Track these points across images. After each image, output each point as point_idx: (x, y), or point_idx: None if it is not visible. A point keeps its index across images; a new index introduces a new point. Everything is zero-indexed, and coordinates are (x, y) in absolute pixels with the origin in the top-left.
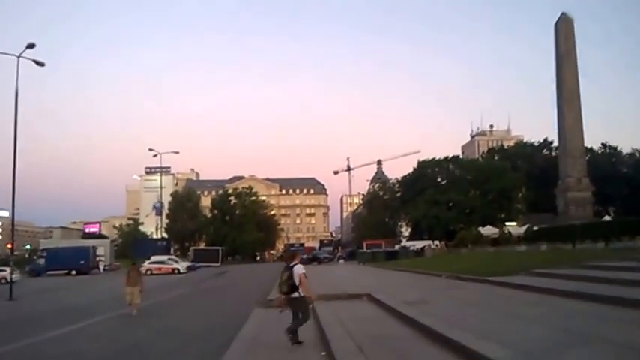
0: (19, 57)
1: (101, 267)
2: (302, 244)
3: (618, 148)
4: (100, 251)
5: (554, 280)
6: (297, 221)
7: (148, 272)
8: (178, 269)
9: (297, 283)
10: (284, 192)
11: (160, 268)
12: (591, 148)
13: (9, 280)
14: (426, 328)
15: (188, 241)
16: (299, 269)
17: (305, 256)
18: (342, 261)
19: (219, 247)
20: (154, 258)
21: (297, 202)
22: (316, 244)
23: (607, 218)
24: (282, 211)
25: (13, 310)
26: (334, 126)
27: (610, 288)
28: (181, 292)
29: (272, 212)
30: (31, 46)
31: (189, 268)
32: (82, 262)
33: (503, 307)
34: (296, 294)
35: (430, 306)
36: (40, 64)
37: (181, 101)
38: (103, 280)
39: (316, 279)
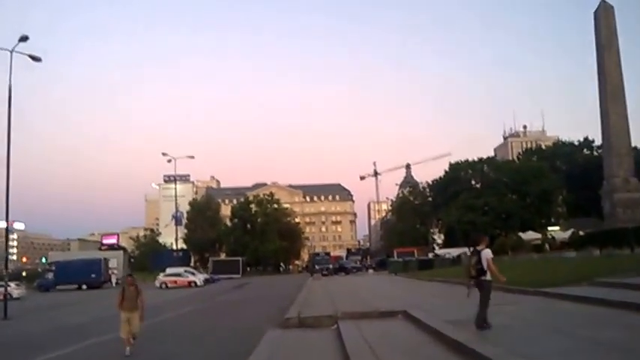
0: (12, 52)
1: (113, 280)
2: (328, 253)
3: None
4: (112, 264)
5: (625, 291)
6: (323, 229)
7: (163, 286)
8: (195, 282)
9: (485, 267)
10: (308, 199)
11: (175, 281)
12: (635, 147)
13: (10, 296)
14: None
15: (208, 252)
16: (487, 254)
17: (331, 266)
18: (371, 271)
19: (240, 258)
20: (169, 270)
21: (323, 209)
22: (343, 253)
23: None
24: (307, 219)
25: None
26: (360, 129)
27: None
28: (192, 308)
29: (296, 220)
30: (23, 38)
31: (207, 281)
32: (94, 275)
33: (576, 327)
34: (483, 277)
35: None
36: (35, 59)
37: (203, 107)
38: (113, 295)
39: (343, 292)
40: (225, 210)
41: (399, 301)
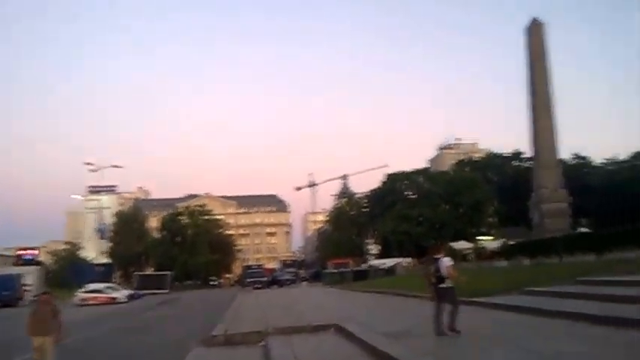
0: None
1: (27, 298)
2: (260, 266)
3: (589, 159)
4: (27, 279)
5: (555, 299)
6: (257, 241)
7: (83, 303)
8: (117, 298)
9: (444, 275)
10: (243, 210)
11: (96, 298)
12: (562, 159)
13: None
14: None
15: (134, 266)
16: (447, 261)
17: (264, 279)
18: (305, 283)
19: (168, 272)
20: (90, 286)
21: (257, 220)
22: (278, 265)
23: (582, 230)
24: (241, 231)
25: None
26: (296, 140)
27: (620, 308)
28: (111, 326)
29: (229, 232)
30: None
31: (131, 297)
32: (7, 292)
33: (514, 338)
34: (443, 285)
35: (421, 341)
36: None
37: (132, 115)
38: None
39: (275, 305)
40: (155, 222)
41: (333, 314)
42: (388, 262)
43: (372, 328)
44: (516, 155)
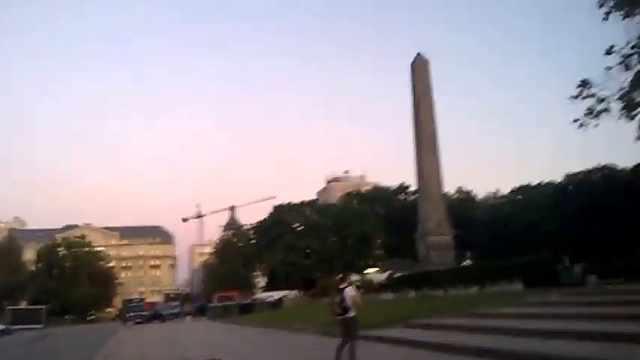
0: None
1: None
2: (142, 299)
3: (472, 193)
4: None
5: (439, 332)
6: (140, 274)
7: None
8: None
9: (349, 305)
10: (125, 241)
11: None
12: (447, 192)
13: None
14: None
15: (8, 300)
16: (350, 291)
17: (146, 313)
18: (189, 317)
19: (43, 306)
20: None
21: (141, 252)
22: (161, 299)
23: (467, 262)
24: (124, 263)
25: None
26: (183, 170)
27: (507, 340)
28: None
29: (110, 264)
30: None
31: (2, 333)
32: None
33: None
34: (348, 315)
35: None
36: None
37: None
38: None
39: (155, 341)
40: (31, 254)
41: (214, 349)
42: (275, 295)
43: None
44: (403, 188)
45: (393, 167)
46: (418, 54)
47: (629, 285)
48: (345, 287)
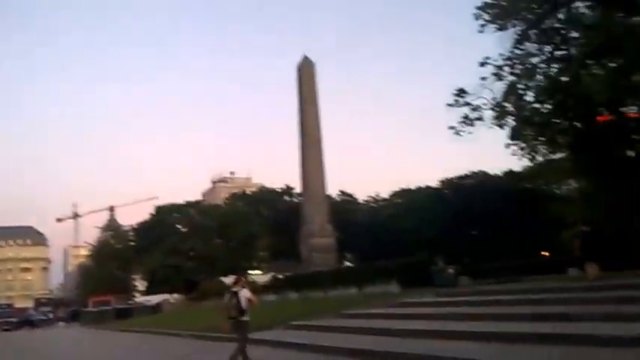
0: None
1: None
2: (9, 305)
3: (354, 196)
4: None
5: (316, 333)
6: (10, 277)
7: None
8: None
9: (244, 307)
10: None
11: None
12: (330, 195)
13: None
14: None
15: None
16: (246, 293)
17: (13, 320)
18: (62, 323)
19: None
20: None
21: (10, 254)
22: (32, 304)
23: (347, 264)
24: None
25: None
26: (58, 167)
27: (374, 340)
28: None
29: None
30: None
31: None
32: None
33: None
34: (243, 318)
35: None
36: None
37: None
38: None
39: (21, 350)
40: None
41: (83, 357)
42: (154, 299)
43: None
44: (288, 190)
45: (281, 169)
46: (305, 56)
47: (497, 285)
48: (240, 289)
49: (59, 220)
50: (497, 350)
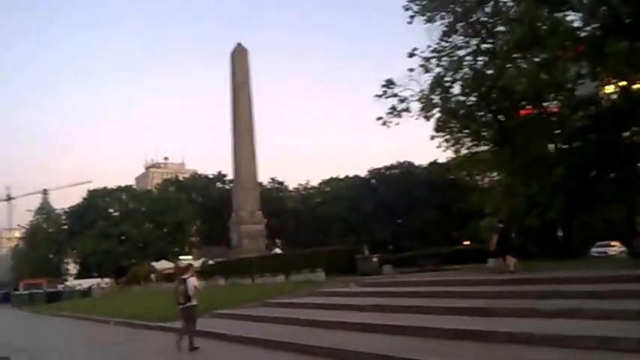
0: None
1: None
2: None
3: (285, 183)
4: None
5: (238, 322)
6: None
7: None
8: None
9: (191, 294)
10: None
11: None
12: (261, 183)
13: None
14: None
15: None
16: (193, 281)
17: None
18: None
19: None
20: None
21: None
22: None
23: (277, 251)
24: None
25: None
26: None
27: (290, 330)
28: None
29: None
30: None
31: None
32: None
33: None
34: (189, 303)
35: None
36: None
37: None
38: None
39: None
40: None
41: (11, 344)
42: (85, 283)
43: None
44: (220, 177)
45: (215, 156)
46: (238, 43)
47: (418, 276)
48: (188, 277)
49: None
50: (409, 344)
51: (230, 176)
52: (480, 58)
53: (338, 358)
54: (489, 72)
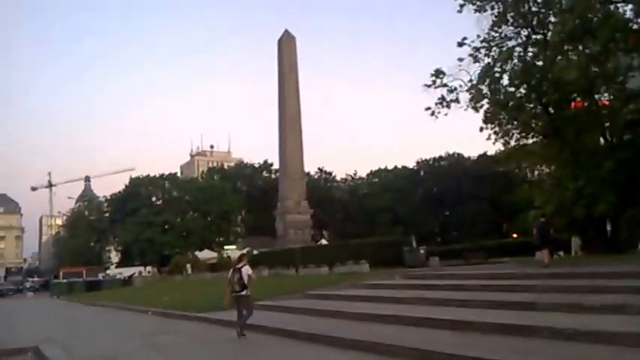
0: None
1: None
2: None
3: (333, 174)
4: None
5: (278, 314)
6: None
7: None
8: None
9: (246, 283)
10: None
11: None
12: (309, 172)
13: None
14: None
15: None
16: (247, 270)
17: None
18: (30, 293)
19: None
20: None
21: None
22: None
23: (323, 242)
24: None
25: None
26: (34, 134)
27: (328, 323)
28: None
29: None
30: None
31: None
32: None
33: None
34: (244, 292)
35: None
36: None
37: None
38: None
39: None
40: None
41: (41, 332)
42: (125, 272)
43: (75, 352)
44: (266, 166)
45: (262, 145)
46: (286, 30)
47: (465, 269)
48: (243, 266)
49: (34, 188)
50: (451, 338)
51: (276, 165)
52: (530, 49)
53: (377, 352)
54: (539, 63)
